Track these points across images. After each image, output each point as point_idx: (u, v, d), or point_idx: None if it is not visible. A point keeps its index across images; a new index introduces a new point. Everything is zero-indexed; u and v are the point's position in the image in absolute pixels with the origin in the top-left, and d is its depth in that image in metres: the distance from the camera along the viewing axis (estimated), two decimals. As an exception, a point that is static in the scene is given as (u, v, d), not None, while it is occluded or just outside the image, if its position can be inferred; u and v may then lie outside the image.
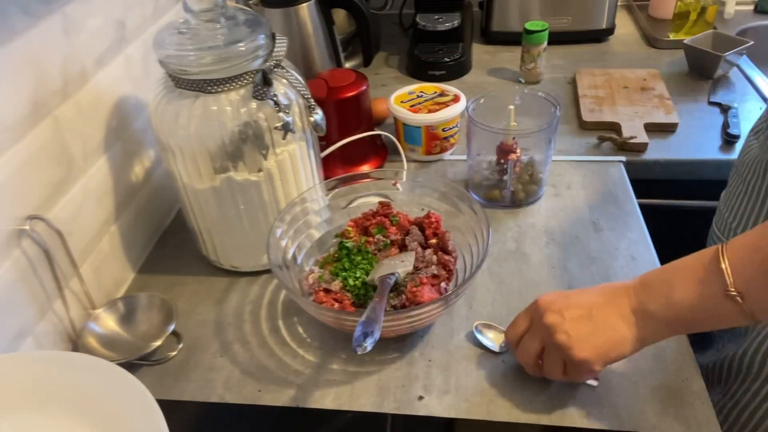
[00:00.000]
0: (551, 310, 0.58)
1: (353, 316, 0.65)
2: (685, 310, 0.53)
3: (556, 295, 0.60)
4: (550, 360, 0.60)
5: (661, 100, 1.11)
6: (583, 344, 0.56)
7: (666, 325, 0.55)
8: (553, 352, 0.59)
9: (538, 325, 0.60)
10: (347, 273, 0.73)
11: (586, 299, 0.58)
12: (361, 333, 0.57)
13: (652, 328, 0.55)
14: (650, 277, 0.57)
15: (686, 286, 0.53)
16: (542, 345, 0.60)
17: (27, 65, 0.64)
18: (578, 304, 0.58)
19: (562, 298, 0.59)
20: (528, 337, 0.62)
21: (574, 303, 0.58)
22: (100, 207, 0.78)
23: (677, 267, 0.55)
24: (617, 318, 0.56)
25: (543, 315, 0.59)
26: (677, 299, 0.53)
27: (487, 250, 0.69)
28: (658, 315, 0.54)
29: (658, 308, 0.54)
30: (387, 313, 0.64)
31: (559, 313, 0.58)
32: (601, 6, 1.32)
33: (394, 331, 0.69)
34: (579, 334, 0.56)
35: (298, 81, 0.73)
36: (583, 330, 0.57)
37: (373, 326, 0.58)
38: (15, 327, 0.63)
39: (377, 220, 0.80)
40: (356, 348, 0.56)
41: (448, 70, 1.26)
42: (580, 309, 0.57)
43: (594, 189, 0.93)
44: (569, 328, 0.57)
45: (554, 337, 0.57)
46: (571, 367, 0.59)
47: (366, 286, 0.72)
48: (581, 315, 0.57)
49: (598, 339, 0.56)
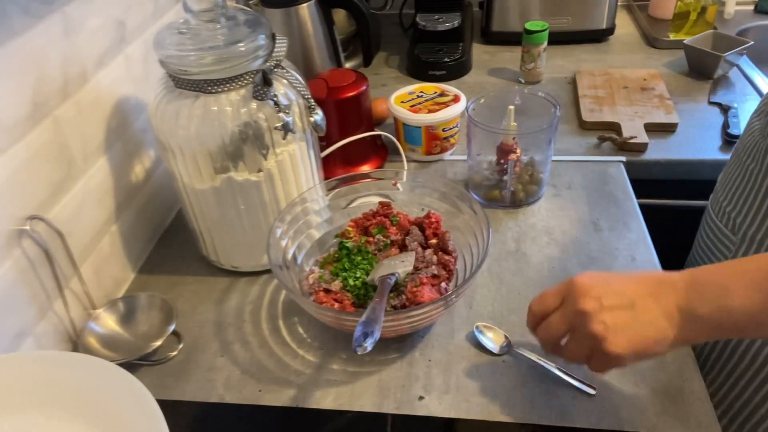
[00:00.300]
0: (589, 295, 0.53)
1: (353, 316, 0.65)
2: (740, 315, 0.49)
3: (595, 278, 0.55)
4: (577, 345, 0.55)
5: (661, 100, 1.11)
6: (619, 337, 0.51)
7: (713, 328, 0.51)
8: (583, 339, 0.54)
9: (571, 308, 0.54)
10: (347, 273, 0.73)
11: (629, 288, 0.53)
12: (362, 333, 0.57)
13: (697, 329, 0.51)
14: (701, 276, 0.52)
15: (744, 293, 0.49)
16: (570, 328, 0.55)
17: (27, 65, 0.64)
18: (619, 291, 0.53)
19: (602, 283, 0.54)
20: (557, 317, 0.56)
21: (614, 290, 0.53)
22: (101, 207, 0.78)
23: (734, 270, 0.51)
24: (660, 314, 0.51)
25: (579, 299, 0.53)
26: (734, 305, 0.49)
27: (487, 250, 0.69)
28: (707, 318, 0.50)
29: (709, 311, 0.50)
30: (387, 314, 0.64)
31: (597, 300, 0.53)
32: (601, 6, 1.32)
33: (394, 331, 0.69)
34: (617, 326, 0.51)
35: (298, 81, 0.73)
36: (622, 322, 0.52)
37: (373, 326, 0.58)
38: (15, 327, 0.63)
39: (377, 220, 0.80)
40: (356, 348, 0.56)
41: (448, 70, 1.26)
42: (620, 297, 0.52)
43: (594, 189, 0.93)
44: (607, 318, 0.52)
45: (589, 326, 0.52)
46: (599, 357, 0.54)
47: (366, 286, 0.72)
48: (621, 304, 0.52)
49: (637, 334, 0.51)
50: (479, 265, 0.68)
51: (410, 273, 0.72)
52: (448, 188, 0.80)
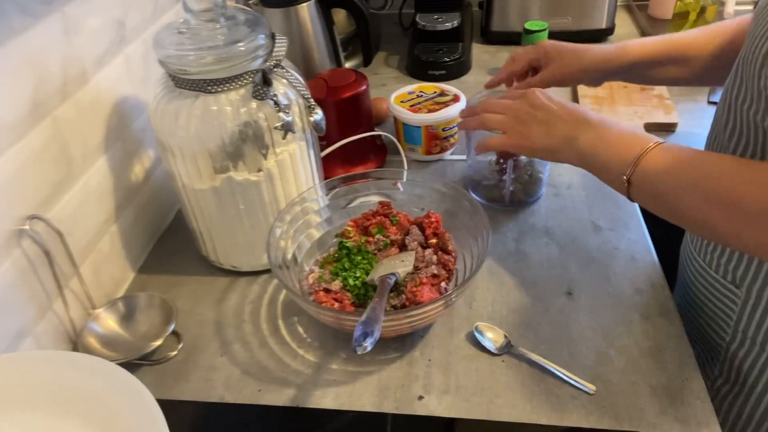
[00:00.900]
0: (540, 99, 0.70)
1: (353, 315, 0.65)
2: (595, 160, 0.64)
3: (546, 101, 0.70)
4: (512, 110, 0.71)
5: (660, 100, 1.11)
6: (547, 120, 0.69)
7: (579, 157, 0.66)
8: (522, 105, 0.70)
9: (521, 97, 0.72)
10: (347, 273, 0.73)
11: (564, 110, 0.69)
12: (361, 333, 0.57)
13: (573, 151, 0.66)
14: (606, 131, 0.64)
15: (611, 152, 0.62)
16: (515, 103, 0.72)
17: (27, 65, 0.64)
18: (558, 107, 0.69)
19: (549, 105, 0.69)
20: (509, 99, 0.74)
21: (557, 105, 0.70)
22: (100, 207, 0.78)
23: (623, 136, 0.62)
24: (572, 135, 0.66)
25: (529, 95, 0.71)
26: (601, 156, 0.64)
27: (487, 249, 0.69)
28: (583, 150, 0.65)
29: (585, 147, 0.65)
30: (387, 313, 0.64)
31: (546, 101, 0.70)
32: (600, 6, 1.32)
33: (394, 331, 0.69)
34: (552, 114, 0.68)
35: (298, 81, 0.73)
36: (551, 118, 0.68)
37: (373, 326, 0.58)
38: (15, 327, 0.63)
39: (377, 219, 0.80)
40: (356, 348, 0.56)
41: (448, 69, 1.26)
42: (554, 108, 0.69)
43: (594, 189, 0.93)
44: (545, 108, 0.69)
45: (534, 99, 0.70)
46: (519, 130, 0.70)
47: (366, 286, 0.72)
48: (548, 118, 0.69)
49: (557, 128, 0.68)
50: (479, 265, 0.68)
51: (410, 273, 0.72)
52: (448, 188, 0.80)
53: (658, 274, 0.78)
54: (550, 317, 0.73)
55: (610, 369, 0.66)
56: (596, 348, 0.69)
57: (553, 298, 0.76)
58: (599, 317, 0.73)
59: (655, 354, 0.67)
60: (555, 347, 0.69)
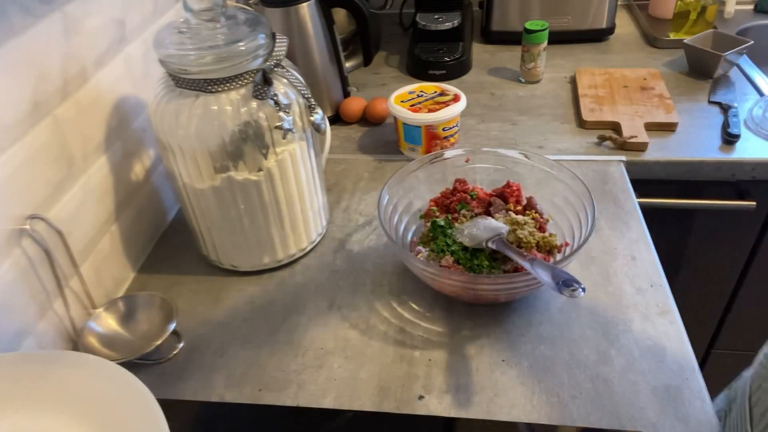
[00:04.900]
0: None
1: (488, 279, 0.70)
2: None
3: None
4: None
5: (661, 100, 1.11)
6: None
7: None
8: None
9: None
10: (455, 246, 0.75)
11: None
12: (567, 278, 0.60)
13: None
14: None
15: None
16: None
17: (27, 64, 0.64)
18: None
19: None
20: None
21: None
22: (100, 206, 0.78)
23: None
24: None
25: None
26: None
27: (595, 212, 0.71)
28: None
29: None
30: (503, 277, 0.70)
31: None
32: (601, 5, 1.32)
33: (506, 295, 0.72)
34: None
35: (299, 80, 0.73)
36: None
37: (556, 271, 0.61)
38: (15, 326, 0.63)
39: (458, 196, 0.81)
40: (580, 290, 0.58)
41: (448, 69, 1.26)
42: None
43: (594, 188, 0.93)
44: None
45: None
46: None
47: (474, 254, 0.73)
48: None
49: None
50: (592, 229, 0.70)
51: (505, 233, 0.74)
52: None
53: (658, 274, 0.78)
54: (550, 317, 0.73)
55: (610, 369, 0.66)
56: (596, 348, 0.69)
57: (554, 297, 0.76)
58: (599, 317, 0.73)
59: (656, 354, 0.67)
60: (555, 347, 0.69)
